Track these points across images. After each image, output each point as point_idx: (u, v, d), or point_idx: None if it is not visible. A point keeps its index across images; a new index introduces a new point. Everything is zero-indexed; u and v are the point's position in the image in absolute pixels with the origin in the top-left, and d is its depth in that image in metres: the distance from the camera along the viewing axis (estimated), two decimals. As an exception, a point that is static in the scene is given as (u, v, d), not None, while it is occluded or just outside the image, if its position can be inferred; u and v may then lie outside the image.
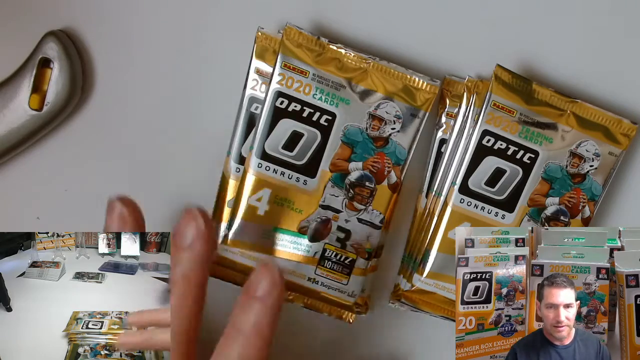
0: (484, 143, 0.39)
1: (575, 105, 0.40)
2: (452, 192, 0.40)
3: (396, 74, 0.40)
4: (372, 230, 0.40)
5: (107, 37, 0.43)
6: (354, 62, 0.39)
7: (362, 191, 0.40)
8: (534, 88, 0.40)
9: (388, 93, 0.39)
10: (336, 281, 0.41)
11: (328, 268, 0.41)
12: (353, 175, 0.40)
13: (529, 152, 0.40)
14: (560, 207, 0.40)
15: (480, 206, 0.40)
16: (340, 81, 0.39)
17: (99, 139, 0.44)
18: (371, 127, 0.39)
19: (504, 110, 0.39)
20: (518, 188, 0.40)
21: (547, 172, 0.40)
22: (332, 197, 0.40)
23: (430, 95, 0.40)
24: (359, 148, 0.40)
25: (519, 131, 0.39)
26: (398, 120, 0.40)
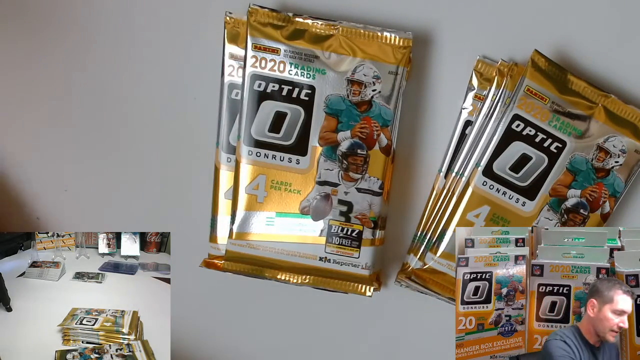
0: (514, 127, 0.39)
1: (607, 100, 0.40)
2: (475, 173, 0.40)
3: (367, 34, 0.39)
4: (373, 198, 0.40)
5: (108, 36, 0.43)
6: (323, 30, 0.39)
7: (356, 160, 0.39)
8: (569, 78, 0.39)
9: (362, 55, 0.39)
10: (348, 256, 0.40)
11: (337, 244, 0.40)
12: (343, 145, 0.39)
13: (557, 141, 0.39)
14: (581, 200, 0.40)
15: (502, 190, 0.40)
16: (313, 52, 0.39)
17: (99, 138, 0.44)
18: (352, 92, 0.39)
19: (536, 96, 0.39)
20: (542, 176, 0.40)
21: (572, 164, 0.40)
22: (327, 172, 0.40)
23: (405, 50, 0.39)
24: (344, 116, 0.39)
25: (549, 119, 0.39)
26: (377, 81, 0.39)
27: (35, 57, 0.43)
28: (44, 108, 0.44)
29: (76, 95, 0.43)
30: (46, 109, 0.44)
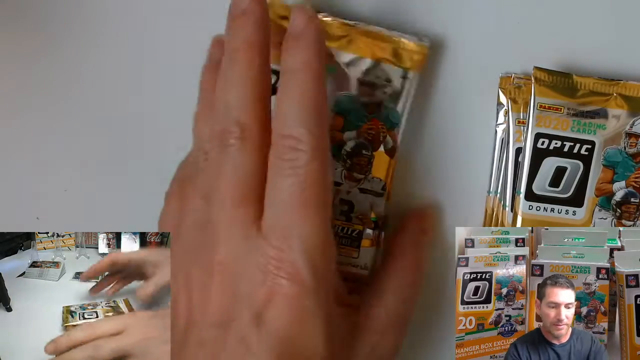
0: (539, 146, 0.39)
1: (619, 86, 0.39)
2: (519, 201, 0.39)
3: (383, 36, 0.39)
4: (375, 199, 0.40)
5: (107, 36, 0.43)
6: (338, 29, 0.39)
7: (360, 160, 0.39)
8: (576, 80, 0.39)
9: (376, 58, 0.39)
10: (347, 256, 0.40)
11: (336, 244, 0.40)
12: (349, 144, 0.39)
13: (585, 143, 0.39)
14: (629, 190, 0.39)
15: (550, 208, 0.40)
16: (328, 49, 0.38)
17: (99, 138, 0.44)
18: (362, 93, 0.39)
19: (551, 110, 0.39)
20: (582, 181, 0.39)
21: (607, 159, 0.39)
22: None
23: (420, 56, 0.39)
24: (351, 116, 0.39)
25: (571, 126, 0.39)
26: (388, 84, 0.39)
27: (35, 56, 0.43)
28: (44, 107, 0.44)
29: (77, 94, 0.43)
30: (46, 109, 0.44)
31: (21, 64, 0.43)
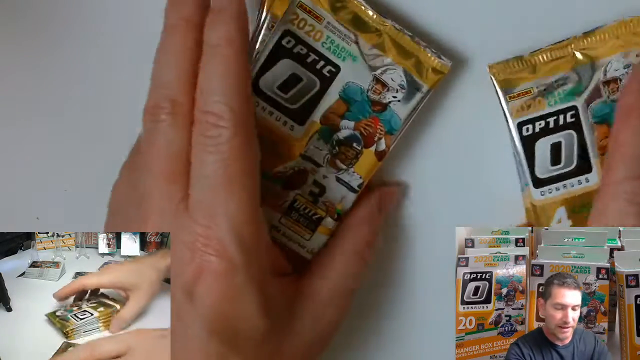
0: (526, 134, 0.38)
1: (574, 43, 0.38)
2: (529, 193, 0.38)
3: (411, 44, 0.39)
4: (348, 193, 0.39)
5: (107, 36, 0.43)
6: (371, 21, 0.38)
7: (348, 151, 0.39)
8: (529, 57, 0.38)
9: (398, 61, 0.39)
10: (299, 235, 0.39)
11: (294, 220, 0.39)
12: (342, 133, 0.39)
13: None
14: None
15: (562, 185, 0.38)
16: (353, 36, 0.38)
17: (99, 138, 0.44)
18: (373, 90, 0.39)
19: (521, 96, 0.38)
20: (582, 147, 0.38)
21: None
22: (316, 150, 0.39)
23: (439, 75, 0.39)
24: (355, 107, 0.39)
25: (547, 102, 0.38)
26: (401, 90, 0.39)
27: (35, 56, 0.43)
28: (44, 108, 0.44)
29: (77, 94, 0.43)
30: (46, 109, 0.44)
31: (21, 64, 0.43)
